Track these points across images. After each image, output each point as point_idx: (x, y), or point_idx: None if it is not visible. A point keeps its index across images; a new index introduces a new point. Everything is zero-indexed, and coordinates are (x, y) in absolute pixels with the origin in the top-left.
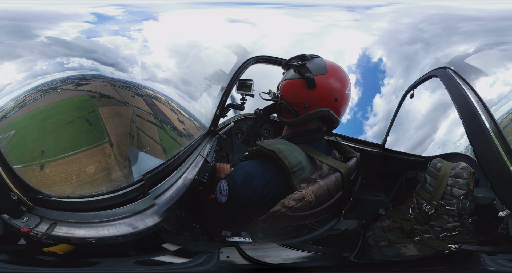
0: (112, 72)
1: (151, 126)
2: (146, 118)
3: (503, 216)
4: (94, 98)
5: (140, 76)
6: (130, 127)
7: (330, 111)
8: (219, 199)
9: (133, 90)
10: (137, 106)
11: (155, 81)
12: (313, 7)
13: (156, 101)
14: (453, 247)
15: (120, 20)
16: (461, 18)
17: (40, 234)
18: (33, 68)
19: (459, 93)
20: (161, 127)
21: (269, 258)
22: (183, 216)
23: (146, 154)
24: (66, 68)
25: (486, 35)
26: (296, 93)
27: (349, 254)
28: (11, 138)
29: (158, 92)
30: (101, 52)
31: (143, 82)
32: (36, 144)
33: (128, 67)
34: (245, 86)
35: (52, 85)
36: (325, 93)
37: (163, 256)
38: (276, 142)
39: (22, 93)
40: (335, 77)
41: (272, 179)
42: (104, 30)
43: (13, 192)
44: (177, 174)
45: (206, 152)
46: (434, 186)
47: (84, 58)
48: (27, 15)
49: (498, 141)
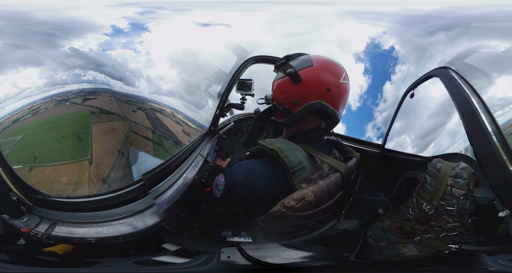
0: (121, 87)
1: (146, 142)
2: (142, 134)
3: (503, 216)
4: (93, 114)
5: (146, 89)
6: (122, 144)
7: (323, 103)
8: (214, 193)
9: (137, 104)
10: (136, 121)
11: (161, 94)
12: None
13: (159, 114)
14: (453, 247)
15: (127, 33)
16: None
17: (40, 234)
18: (54, 76)
19: (459, 93)
20: (158, 144)
21: (270, 258)
22: (183, 216)
23: (146, 154)
24: (82, 81)
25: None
26: (283, 91)
27: (349, 254)
28: (17, 142)
29: (163, 104)
30: (111, 66)
31: (149, 96)
32: (33, 151)
33: (135, 81)
34: (245, 85)
35: (65, 96)
36: (313, 85)
37: (163, 256)
38: (277, 142)
39: (39, 99)
40: (322, 68)
41: (272, 179)
42: (117, 43)
43: (13, 192)
44: (177, 174)
45: (206, 152)
46: (434, 186)
47: (97, 72)
48: (59, 21)
49: (498, 141)
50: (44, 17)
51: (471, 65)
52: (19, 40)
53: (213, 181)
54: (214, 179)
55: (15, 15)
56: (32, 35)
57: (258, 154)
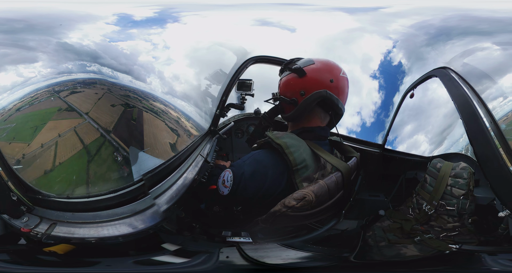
0: (131, 81)
1: (77, 144)
2: (89, 136)
3: (503, 216)
4: (60, 110)
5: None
6: (52, 140)
7: (327, 91)
8: (221, 191)
9: (131, 101)
10: (97, 120)
11: (173, 95)
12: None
13: (150, 115)
14: (453, 247)
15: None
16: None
17: (40, 234)
18: (59, 66)
19: (459, 93)
20: (89, 152)
21: (269, 258)
22: (183, 216)
23: (146, 154)
24: (88, 71)
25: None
26: (289, 85)
27: (349, 254)
28: (10, 130)
29: (158, 102)
30: (108, 58)
31: (161, 95)
32: (12, 139)
33: (144, 76)
34: (245, 85)
35: (58, 88)
36: (318, 76)
37: (163, 256)
38: (284, 136)
39: (43, 87)
40: (323, 64)
41: (284, 172)
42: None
43: (13, 192)
44: (177, 174)
45: (206, 152)
46: (434, 186)
47: (97, 64)
48: (68, 14)
49: (498, 141)
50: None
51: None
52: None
53: (218, 179)
54: (220, 175)
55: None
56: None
57: (265, 146)
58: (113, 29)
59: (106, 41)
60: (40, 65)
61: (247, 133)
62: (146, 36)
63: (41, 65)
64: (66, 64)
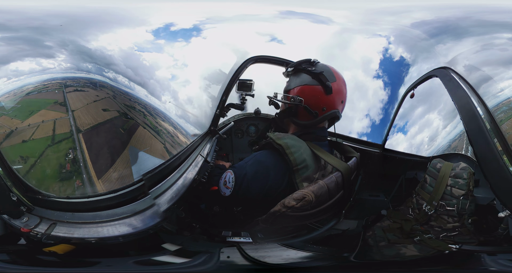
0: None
1: (50, 132)
2: (61, 128)
3: (503, 216)
4: (55, 103)
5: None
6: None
7: (339, 112)
8: (223, 192)
9: (127, 110)
10: (76, 119)
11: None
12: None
13: (147, 131)
14: (453, 247)
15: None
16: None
17: (40, 234)
18: (80, 64)
19: (459, 93)
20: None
21: (270, 258)
22: (183, 216)
23: (146, 153)
24: (104, 75)
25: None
26: (317, 98)
27: (349, 254)
28: (16, 109)
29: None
30: (124, 66)
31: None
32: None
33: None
34: (245, 86)
35: (70, 82)
36: (337, 97)
37: (163, 256)
38: (285, 137)
39: (59, 77)
40: (341, 83)
41: (286, 172)
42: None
43: (13, 193)
44: (177, 174)
45: (206, 152)
46: (434, 187)
47: (111, 70)
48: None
49: (498, 142)
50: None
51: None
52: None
53: (219, 179)
54: (221, 176)
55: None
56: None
57: (266, 147)
58: (147, 38)
59: (132, 49)
60: (62, 59)
61: (247, 133)
62: (169, 49)
63: (62, 59)
64: (86, 64)
